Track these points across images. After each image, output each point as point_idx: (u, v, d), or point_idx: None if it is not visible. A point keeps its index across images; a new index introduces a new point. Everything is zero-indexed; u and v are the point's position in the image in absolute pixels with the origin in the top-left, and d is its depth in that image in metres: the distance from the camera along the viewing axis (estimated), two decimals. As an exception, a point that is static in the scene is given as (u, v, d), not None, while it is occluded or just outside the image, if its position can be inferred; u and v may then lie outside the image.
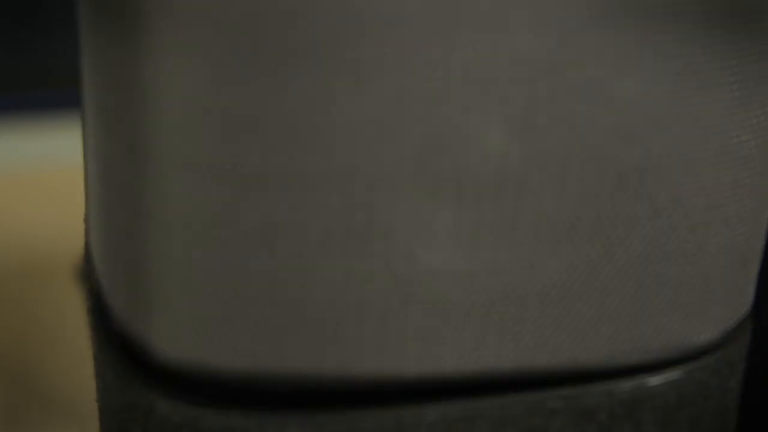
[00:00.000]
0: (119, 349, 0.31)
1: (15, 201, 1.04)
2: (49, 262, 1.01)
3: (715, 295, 0.31)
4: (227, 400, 0.29)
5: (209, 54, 0.26)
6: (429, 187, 0.27)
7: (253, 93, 0.26)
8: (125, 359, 0.31)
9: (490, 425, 0.30)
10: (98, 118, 0.29)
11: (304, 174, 0.27)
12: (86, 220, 0.35)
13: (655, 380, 0.31)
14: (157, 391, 0.30)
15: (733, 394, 0.33)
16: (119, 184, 0.29)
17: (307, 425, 0.29)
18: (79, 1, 0.30)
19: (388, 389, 0.30)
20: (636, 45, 0.27)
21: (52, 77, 1.09)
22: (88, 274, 0.33)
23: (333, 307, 0.28)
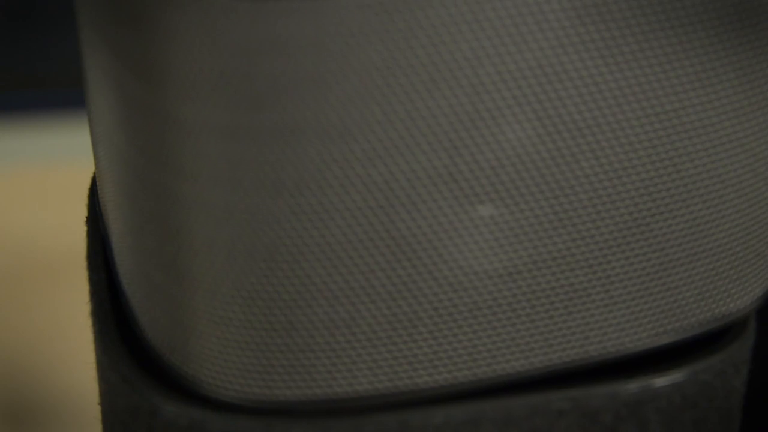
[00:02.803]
0: (125, 352, 0.31)
1: (15, 201, 1.04)
2: (49, 262, 1.01)
3: (750, 260, 0.31)
4: (270, 409, 0.29)
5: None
6: (466, 189, 0.27)
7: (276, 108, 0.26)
8: (131, 362, 0.31)
9: (496, 427, 0.30)
10: (130, 147, 0.28)
11: (341, 186, 0.27)
12: (88, 224, 0.35)
13: (660, 381, 0.31)
14: (162, 394, 0.30)
15: (738, 394, 0.33)
16: (160, 219, 0.28)
17: (312, 428, 0.29)
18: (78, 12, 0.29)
19: (439, 392, 0.30)
20: (664, 27, 0.27)
21: (52, 77, 1.09)
22: (93, 279, 0.33)
23: (384, 321, 0.28)
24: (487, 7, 0.26)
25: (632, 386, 0.31)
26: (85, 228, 0.35)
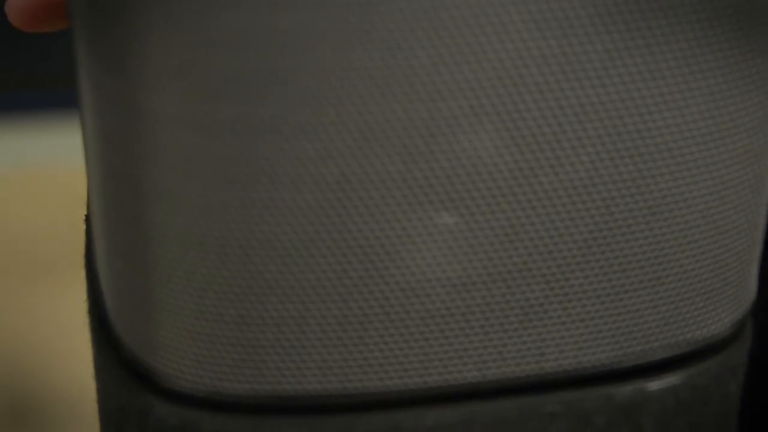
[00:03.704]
0: (117, 351, 0.31)
1: (15, 201, 1.04)
2: (49, 262, 1.01)
3: (719, 288, 0.30)
4: (222, 402, 0.29)
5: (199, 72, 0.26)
6: (420, 196, 0.27)
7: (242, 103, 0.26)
8: (123, 361, 0.31)
9: (488, 429, 0.30)
10: (100, 135, 0.29)
11: (292, 183, 0.27)
12: (87, 222, 0.35)
13: (654, 385, 0.31)
14: (154, 393, 0.30)
15: (734, 399, 0.33)
16: (126, 209, 0.29)
17: (304, 429, 0.29)
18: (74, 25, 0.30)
19: (388, 396, 0.29)
20: (628, 46, 0.27)
21: (52, 77, 1.09)
22: (89, 277, 0.33)
23: (334, 322, 0.28)
24: (445, 15, 0.26)
25: (626, 389, 0.30)
26: (84, 227, 0.35)
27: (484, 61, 0.26)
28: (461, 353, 0.29)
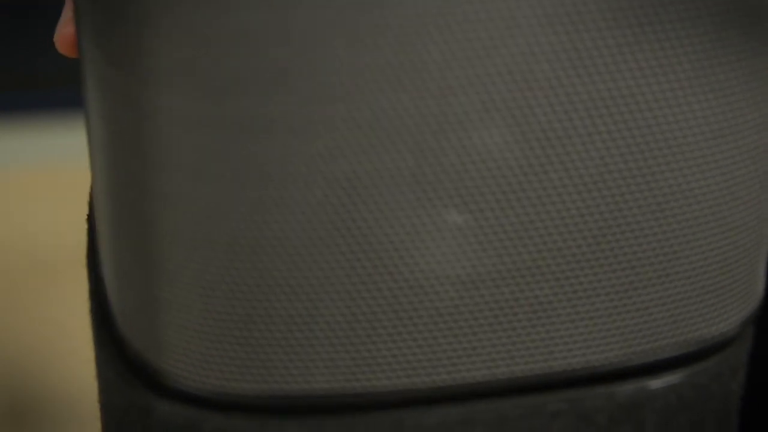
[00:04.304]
0: (121, 350, 0.31)
1: (15, 201, 1.04)
2: (49, 262, 1.01)
3: (727, 285, 0.30)
4: (228, 401, 0.29)
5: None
6: (430, 193, 0.27)
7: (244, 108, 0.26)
8: (127, 360, 0.31)
9: (490, 428, 0.30)
10: (106, 134, 0.29)
11: (303, 181, 0.27)
12: (89, 221, 0.35)
13: (655, 383, 0.31)
14: (158, 392, 0.30)
15: (735, 397, 0.33)
16: (132, 209, 0.29)
17: (306, 428, 0.29)
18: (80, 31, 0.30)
19: (396, 395, 0.29)
20: (639, 41, 0.27)
21: (52, 77, 1.09)
22: (91, 277, 0.33)
23: (343, 320, 0.28)
24: (457, 10, 0.26)
25: (628, 388, 0.30)
26: (86, 227, 0.35)
27: (494, 56, 0.26)
28: (470, 351, 0.29)
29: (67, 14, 0.33)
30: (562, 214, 0.28)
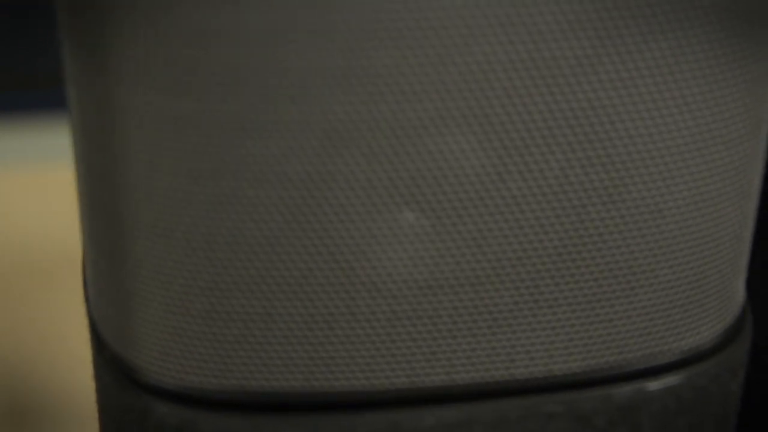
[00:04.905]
0: (102, 349, 0.31)
1: (15, 201, 1.04)
2: (49, 262, 1.01)
3: (698, 300, 0.30)
4: (224, 402, 0.29)
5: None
6: (385, 197, 0.27)
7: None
8: (109, 359, 0.31)
9: (487, 429, 0.30)
10: (81, 134, 0.29)
11: (256, 179, 0.27)
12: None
13: (653, 385, 0.30)
14: (153, 394, 0.30)
15: (734, 399, 0.33)
16: (101, 203, 0.29)
17: (303, 429, 0.29)
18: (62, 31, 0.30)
19: (385, 396, 0.29)
20: (598, 53, 0.27)
21: (52, 77, 1.09)
22: (83, 279, 0.33)
23: (300, 320, 0.28)
24: (408, 17, 0.26)
25: (626, 390, 0.30)
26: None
27: (449, 64, 0.26)
28: (429, 356, 0.29)
29: None
30: (521, 224, 0.28)
